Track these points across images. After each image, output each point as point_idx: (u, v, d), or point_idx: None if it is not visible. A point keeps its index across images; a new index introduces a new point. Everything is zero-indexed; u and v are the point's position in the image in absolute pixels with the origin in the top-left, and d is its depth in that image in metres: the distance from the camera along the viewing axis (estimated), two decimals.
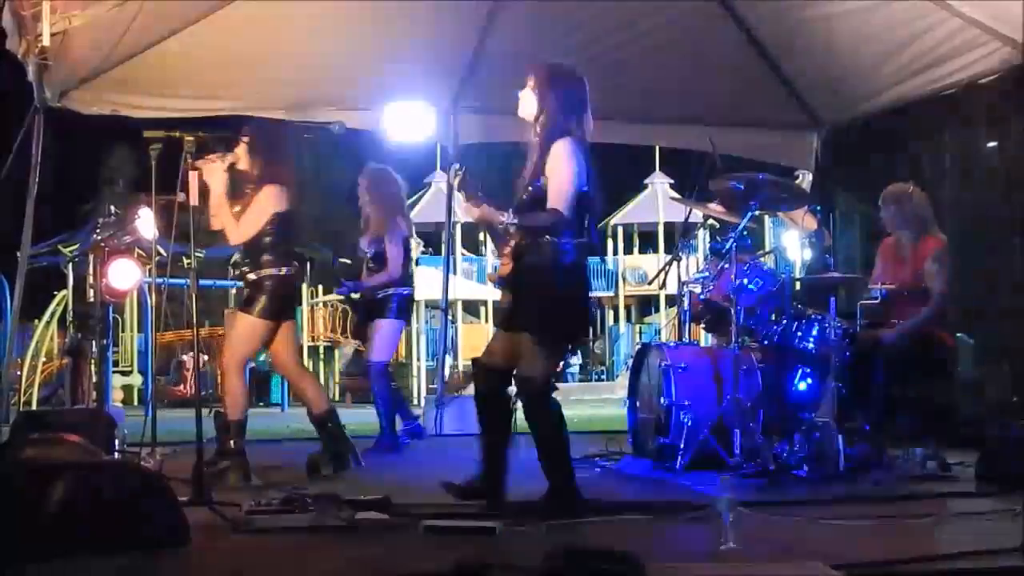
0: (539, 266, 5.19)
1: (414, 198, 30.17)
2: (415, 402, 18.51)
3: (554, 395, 5.27)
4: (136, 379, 21.18)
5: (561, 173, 5.16)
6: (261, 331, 6.75)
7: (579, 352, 39.80)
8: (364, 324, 8.97)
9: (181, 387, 20.34)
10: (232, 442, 6.63)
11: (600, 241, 40.61)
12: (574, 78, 5.44)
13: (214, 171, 6.62)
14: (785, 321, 6.82)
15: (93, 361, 9.48)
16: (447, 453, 8.47)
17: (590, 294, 5.44)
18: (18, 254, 7.64)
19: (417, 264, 29.27)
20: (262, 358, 20.14)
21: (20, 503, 4.10)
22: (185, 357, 21.90)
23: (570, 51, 8.97)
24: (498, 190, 5.43)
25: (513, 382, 5.32)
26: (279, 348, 6.95)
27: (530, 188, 5.26)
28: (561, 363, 5.45)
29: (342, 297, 9.53)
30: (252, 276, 6.74)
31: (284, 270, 6.75)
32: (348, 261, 9.42)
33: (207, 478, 6.36)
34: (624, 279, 39.77)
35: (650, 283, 35.72)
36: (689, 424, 6.72)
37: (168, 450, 7.20)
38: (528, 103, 5.39)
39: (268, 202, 6.71)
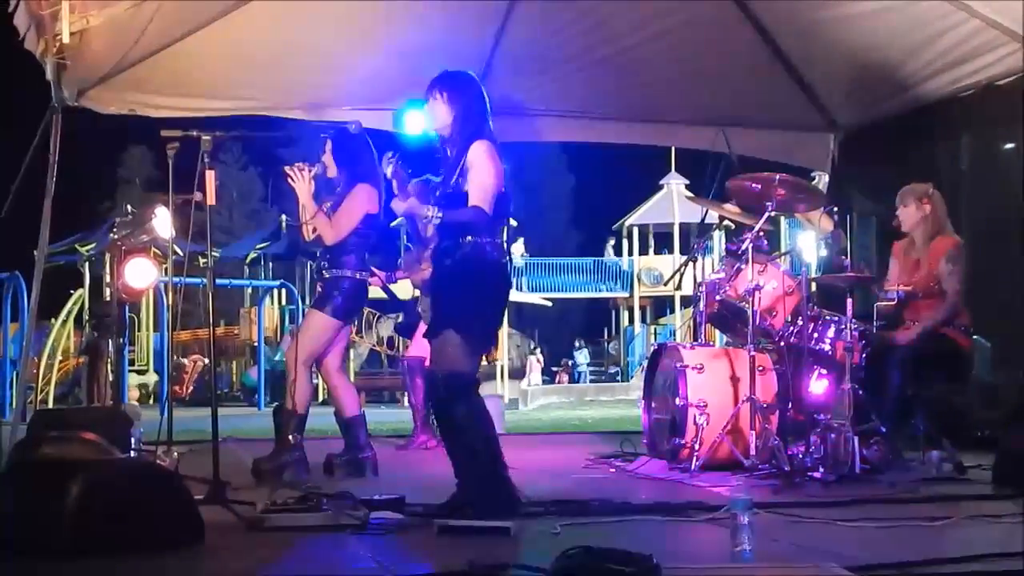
0: (463, 266, 5.18)
1: None
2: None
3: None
4: (152, 378, 21.28)
5: (483, 173, 5.18)
6: (331, 329, 6.85)
7: (588, 352, 39.96)
8: (411, 324, 9.14)
9: (178, 388, 20.42)
10: (292, 436, 6.73)
11: (615, 242, 40.50)
12: (476, 83, 5.50)
13: (300, 180, 6.76)
14: (801, 322, 6.81)
15: (109, 360, 9.52)
16: None
17: (509, 292, 5.50)
18: (35, 253, 7.66)
19: None
20: (277, 358, 20.25)
21: (37, 501, 4.12)
22: (185, 360, 22.01)
23: (585, 52, 8.99)
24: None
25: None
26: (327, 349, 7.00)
27: (448, 190, 5.25)
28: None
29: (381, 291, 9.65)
30: (328, 274, 6.82)
31: (360, 274, 6.84)
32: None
33: (267, 474, 6.47)
34: (639, 280, 39.85)
35: (665, 284, 35.83)
36: (704, 425, 6.73)
37: (184, 448, 7.22)
38: (438, 114, 5.40)
39: (360, 201, 6.84)
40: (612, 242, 42.13)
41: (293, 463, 6.70)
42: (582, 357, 39.63)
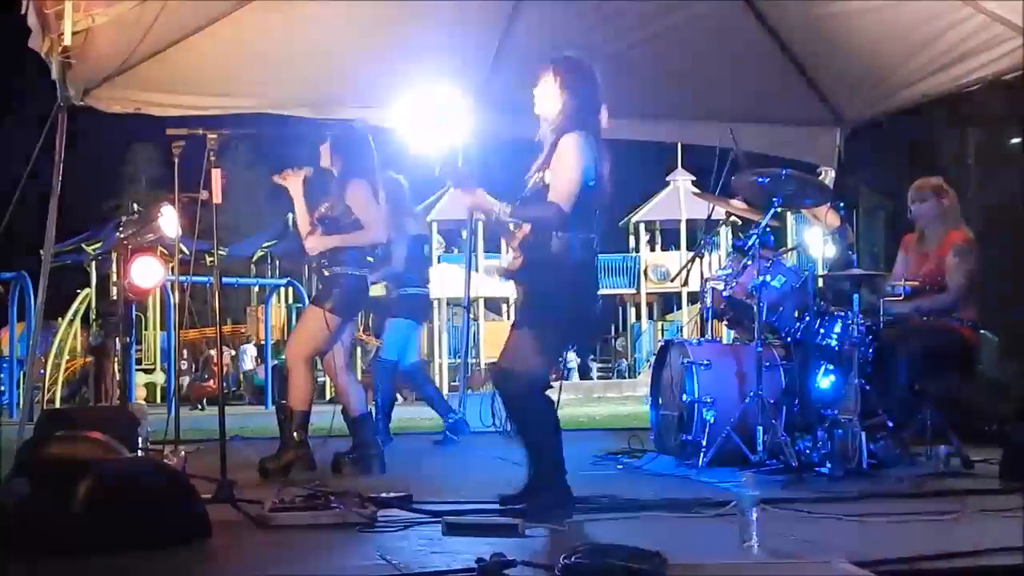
0: (545, 262, 5.04)
1: (435, 196, 30.18)
2: None
3: (550, 393, 5.10)
4: (159, 377, 21.28)
5: (566, 168, 5.03)
6: (331, 326, 6.82)
7: (578, 352, 39.74)
8: (380, 323, 9.22)
9: (212, 383, 20.34)
10: (296, 434, 6.74)
11: (622, 238, 40.25)
12: (592, 73, 5.29)
13: (294, 183, 6.78)
14: (808, 318, 6.80)
15: (116, 359, 9.54)
16: (469, 450, 8.49)
17: (598, 293, 5.30)
18: (41, 252, 7.67)
19: (439, 262, 29.38)
20: (283, 356, 20.26)
21: (43, 500, 4.13)
22: (213, 352, 21.95)
23: (592, 48, 8.96)
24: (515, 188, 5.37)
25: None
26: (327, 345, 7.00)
27: (536, 182, 5.16)
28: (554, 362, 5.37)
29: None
30: (327, 271, 6.83)
31: (360, 270, 6.84)
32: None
33: (272, 473, 6.49)
34: (646, 276, 39.73)
35: (672, 280, 35.80)
36: (712, 421, 6.73)
37: (191, 447, 7.23)
38: (547, 97, 5.23)
39: (367, 194, 6.84)
40: (646, 238, 41.35)
41: (298, 461, 6.70)
42: (571, 355, 39.41)
